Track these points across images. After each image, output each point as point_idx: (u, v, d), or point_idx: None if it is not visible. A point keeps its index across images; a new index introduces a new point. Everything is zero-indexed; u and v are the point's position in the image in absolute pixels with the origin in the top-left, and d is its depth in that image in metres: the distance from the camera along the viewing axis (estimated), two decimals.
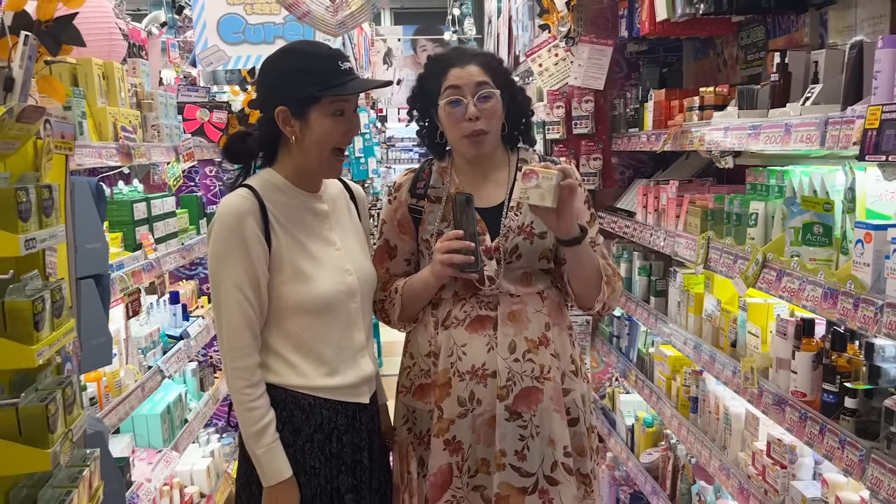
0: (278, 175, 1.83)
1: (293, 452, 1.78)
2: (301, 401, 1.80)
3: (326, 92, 1.73)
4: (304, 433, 1.79)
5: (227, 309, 1.74)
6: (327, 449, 1.81)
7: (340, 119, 1.77)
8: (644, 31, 2.94)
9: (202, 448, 3.73)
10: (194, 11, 5.55)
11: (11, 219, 1.30)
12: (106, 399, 2.42)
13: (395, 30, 13.26)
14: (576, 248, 1.84)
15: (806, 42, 2.43)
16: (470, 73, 1.88)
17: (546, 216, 1.79)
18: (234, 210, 1.74)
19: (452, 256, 1.83)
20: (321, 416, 1.80)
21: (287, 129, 1.77)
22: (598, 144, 3.62)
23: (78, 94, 2.28)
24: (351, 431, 1.85)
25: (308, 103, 1.74)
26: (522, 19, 5.06)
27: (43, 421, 1.36)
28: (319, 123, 1.75)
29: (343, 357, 1.84)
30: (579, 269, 1.89)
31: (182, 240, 3.27)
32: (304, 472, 1.79)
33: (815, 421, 1.71)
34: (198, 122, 4.31)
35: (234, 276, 1.73)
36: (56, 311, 1.45)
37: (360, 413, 1.88)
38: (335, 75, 1.74)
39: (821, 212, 1.79)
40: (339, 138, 1.79)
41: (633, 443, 3.28)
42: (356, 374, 1.86)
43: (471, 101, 1.87)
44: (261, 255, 1.74)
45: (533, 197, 1.72)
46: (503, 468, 1.88)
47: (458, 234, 1.84)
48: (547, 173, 1.71)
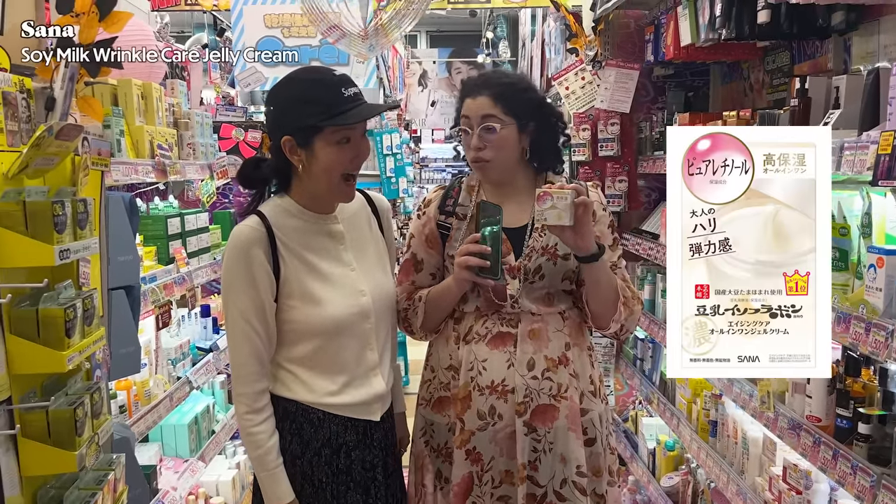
0: (291, 200, 1.83)
1: (301, 465, 1.79)
2: (310, 414, 1.80)
3: (328, 122, 1.70)
4: (313, 447, 1.79)
5: (233, 337, 1.77)
6: (335, 464, 1.80)
7: (346, 146, 1.74)
8: (669, 55, 2.96)
9: (228, 459, 3.79)
10: (234, 34, 5.73)
11: (47, 230, 1.38)
12: (135, 407, 2.50)
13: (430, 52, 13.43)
14: (593, 265, 1.87)
15: (830, 67, 2.43)
16: (479, 106, 1.94)
17: (563, 234, 1.82)
18: (241, 240, 1.75)
19: (468, 259, 1.87)
20: (329, 430, 1.80)
21: (294, 157, 1.76)
22: (624, 167, 3.64)
23: (117, 113, 2.38)
24: (361, 448, 1.84)
25: (312, 133, 1.72)
26: (555, 43, 5.12)
27: (71, 424, 1.43)
28: (325, 152, 1.73)
29: (355, 376, 1.84)
30: (596, 287, 1.92)
31: (214, 255, 3.36)
32: (311, 484, 1.80)
33: (828, 446, 1.71)
34: (233, 141, 4.44)
35: (241, 306, 1.74)
36: (87, 320, 1.53)
37: (372, 430, 1.86)
38: (338, 103, 1.71)
39: (837, 236, 1.79)
40: (347, 165, 1.77)
41: (655, 466, 3.26)
42: (367, 392, 1.85)
43: (475, 133, 1.94)
44: (267, 285, 1.75)
45: (550, 217, 1.75)
46: (524, 480, 1.91)
47: (476, 238, 1.89)
48: (561, 193, 1.75)
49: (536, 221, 1.79)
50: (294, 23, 5.58)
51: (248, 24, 5.61)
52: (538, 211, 1.77)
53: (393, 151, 6.00)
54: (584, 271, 1.90)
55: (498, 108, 1.94)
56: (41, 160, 1.44)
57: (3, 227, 1.34)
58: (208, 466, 3.33)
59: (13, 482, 1.38)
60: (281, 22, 5.62)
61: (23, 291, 1.40)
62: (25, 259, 1.36)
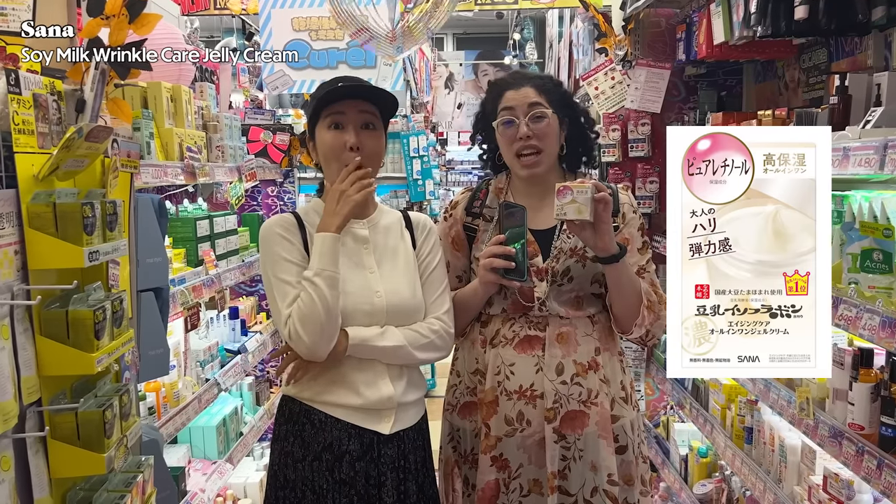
0: (321, 202, 1.87)
1: (302, 468, 1.75)
2: (312, 415, 1.76)
3: (314, 104, 1.80)
4: (313, 450, 1.75)
5: (273, 277, 1.77)
6: (337, 473, 1.74)
7: (340, 132, 1.78)
8: (701, 54, 2.91)
9: (256, 462, 3.80)
10: (262, 38, 5.76)
11: (77, 232, 1.38)
12: (164, 409, 2.50)
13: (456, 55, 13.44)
14: (615, 267, 1.83)
15: (869, 65, 2.37)
16: (524, 95, 1.92)
17: (583, 232, 1.79)
18: (272, 223, 1.82)
19: (493, 261, 1.84)
20: (331, 435, 1.75)
21: (313, 154, 1.87)
22: (655, 168, 3.59)
23: (147, 116, 2.40)
24: (366, 461, 1.75)
25: (313, 124, 1.83)
26: (582, 44, 5.07)
27: (100, 426, 1.43)
28: (321, 138, 1.81)
29: (363, 378, 1.77)
30: (618, 290, 1.88)
31: (243, 257, 3.37)
32: (311, 490, 1.74)
33: (872, 455, 1.65)
34: (261, 144, 4.46)
35: (282, 253, 1.77)
36: (116, 322, 1.53)
37: (381, 445, 1.77)
38: (329, 92, 1.78)
39: (880, 238, 1.73)
40: (340, 150, 1.77)
41: (687, 473, 3.19)
42: (372, 395, 1.77)
43: (523, 122, 1.90)
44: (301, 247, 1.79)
45: (570, 212, 1.73)
46: (555, 490, 1.87)
47: (500, 240, 1.86)
48: (581, 187, 1.73)
49: (556, 216, 1.75)
50: (322, 26, 5.60)
51: (276, 27, 5.64)
52: (558, 205, 1.74)
53: (420, 154, 5.98)
54: (606, 272, 1.86)
55: (542, 97, 1.92)
56: (71, 162, 1.44)
57: (34, 229, 1.34)
58: (236, 468, 3.33)
59: (42, 484, 1.37)
60: (309, 25, 5.64)
61: (52, 293, 1.40)
62: (55, 261, 1.36)
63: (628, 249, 1.93)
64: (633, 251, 1.96)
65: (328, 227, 1.73)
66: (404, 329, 1.81)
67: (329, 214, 1.75)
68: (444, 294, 1.90)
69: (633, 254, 1.95)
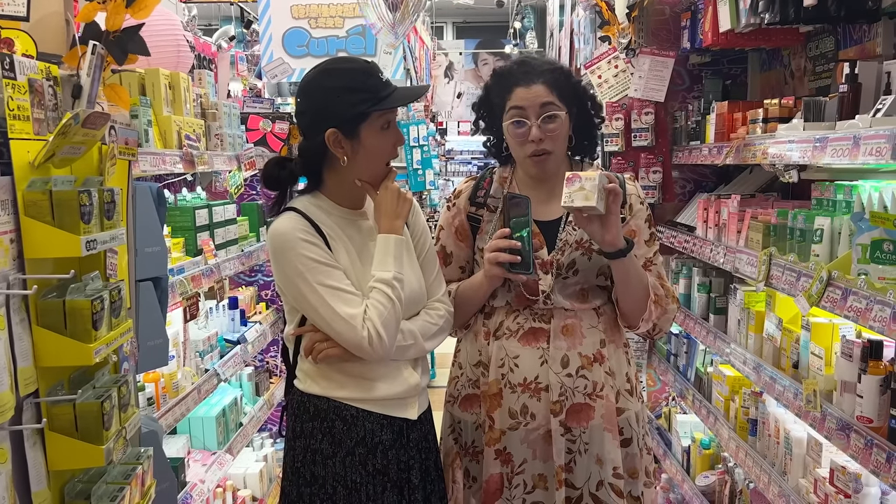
0: (323, 197, 1.80)
1: (333, 465, 1.74)
2: (343, 412, 1.75)
3: (375, 107, 1.70)
4: (346, 446, 1.74)
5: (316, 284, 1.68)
6: (370, 465, 1.75)
7: (388, 132, 1.75)
8: (707, 42, 2.87)
9: (256, 452, 3.79)
10: (261, 26, 5.71)
11: (74, 220, 1.35)
12: (163, 400, 2.48)
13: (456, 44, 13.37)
14: (622, 261, 1.80)
15: (878, 53, 2.33)
16: (536, 94, 1.85)
17: (591, 225, 1.76)
18: (288, 229, 1.71)
19: (498, 255, 1.82)
20: (364, 429, 1.75)
21: (339, 150, 1.73)
22: (658, 157, 3.56)
23: (145, 103, 2.36)
24: (397, 448, 1.78)
25: (359, 121, 1.71)
26: (584, 32, 5.02)
27: (98, 417, 1.40)
28: (372, 139, 1.73)
29: (386, 369, 1.77)
30: (625, 284, 1.85)
31: (242, 246, 3.34)
32: (343, 485, 1.74)
33: (881, 448, 1.63)
34: (261, 133, 4.41)
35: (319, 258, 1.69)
36: (114, 312, 1.50)
37: (409, 430, 1.80)
38: (381, 88, 1.72)
39: (891, 228, 1.70)
40: (391, 150, 1.78)
41: (689, 465, 3.18)
42: (401, 385, 1.78)
43: (535, 124, 1.85)
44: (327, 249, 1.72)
45: (577, 199, 1.70)
46: (563, 484, 1.85)
47: (505, 233, 1.83)
48: (590, 175, 1.70)
49: (563, 204, 1.72)
50: (321, 13, 5.55)
51: (275, 15, 5.59)
52: (566, 193, 1.71)
53: (420, 143, 5.95)
54: (613, 267, 1.84)
55: (554, 95, 1.86)
56: (68, 149, 1.41)
57: (30, 217, 1.32)
58: (236, 459, 3.32)
59: (40, 476, 1.35)
60: (308, 13, 5.59)
61: (49, 283, 1.37)
62: (52, 250, 1.33)
63: (636, 242, 1.90)
64: (641, 243, 1.93)
65: (395, 229, 1.75)
66: (415, 321, 1.81)
67: (390, 216, 1.75)
68: (440, 274, 1.92)
69: (640, 246, 1.93)
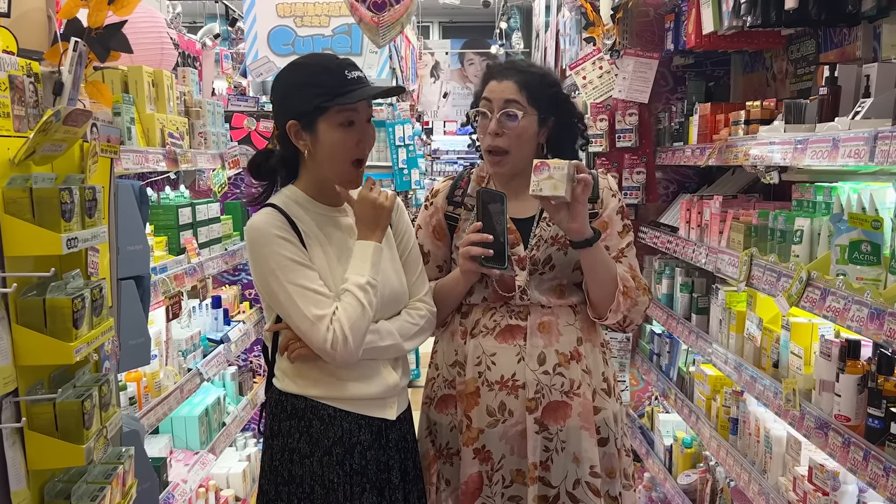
0: (299, 191, 1.79)
1: (310, 464, 1.73)
2: (320, 411, 1.74)
3: (331, 102, 1.67)
4: (323, 445, 1.73)
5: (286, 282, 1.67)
6: (348, 464, 1.73)
7: (351, 129, 1.71)
8: (690, 44, 2.90)
9: (239, 452, 3.77)
10: (246, 24, 5.69)
11: (55, 218, 1.34)
12: (145, 399, 2.46)
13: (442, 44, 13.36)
14: (588, 251, 1.81)
15: (858, 56, 2.36)
16: (503, 89, 1.88)
17: (557, 213, 1.77)
18: (265, 225, 1.70)
19: (470, 248, 1.82)
20: (341, 428, 1.73)
21: (300, 143, 1.73)
22: (642, 158, 3.58)
23: (127, 101, 2.34)
24: (376, 448, 1.76)
25: (315, 115, 1.69)
26: (570, 33, 5.04)
27: (79, 417, 1.40)
28: (328, 135, 1.70)
29: (363, 369, 1.76)
30: (593, 274, 1.86)
31: (225, 245, 3.33)
32: (321, 485, 1.73)
33: (858, 447, 1.65)
34: (245, 131, 4.40)
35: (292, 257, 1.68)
36: (96, 310, 1.49)
37: (388, 430, 1.79)
38: (341, 85, 1.68)
39: (869, 229, 1.73)
40: (353, 149, 1.72)
41: (672, 463, 3.20)
42: (378, 385, 1.77)
43: (494, 117, 1.88)
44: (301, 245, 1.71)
45: (545, 188, 1.71)
46: (535, 481, 1.86)
47: (478, 227, 1.84)
48: (558, 164, 1.71)
49: (531, 192, 1.73)
50: (307, 12, 5.54)
51: (261, 13, 5.57)
52: (534, 181, 1.72)
53: (405, 143, 5.94)
54: (580, 257, 1.85)
55: (522, 95, 1.88)
56: (49, 146, 1.40)
57: (9, 215, 1.31)
58: (219, 459, 3.30)
59: (19, 476, 1.34)
60: (294, 11, 5.57)
61: (29, 281, 1.36)
62: (32, 247, 1.32)
63: (608, 233, 1.92)
64: (613, 234, 1.94)
65: (373, 238, 1.73)
66: (395, 321, 1.80)
67: (367, 227, 1.74)
68: (423, 273, 1.91)
69: (612, 237, 1.94)
